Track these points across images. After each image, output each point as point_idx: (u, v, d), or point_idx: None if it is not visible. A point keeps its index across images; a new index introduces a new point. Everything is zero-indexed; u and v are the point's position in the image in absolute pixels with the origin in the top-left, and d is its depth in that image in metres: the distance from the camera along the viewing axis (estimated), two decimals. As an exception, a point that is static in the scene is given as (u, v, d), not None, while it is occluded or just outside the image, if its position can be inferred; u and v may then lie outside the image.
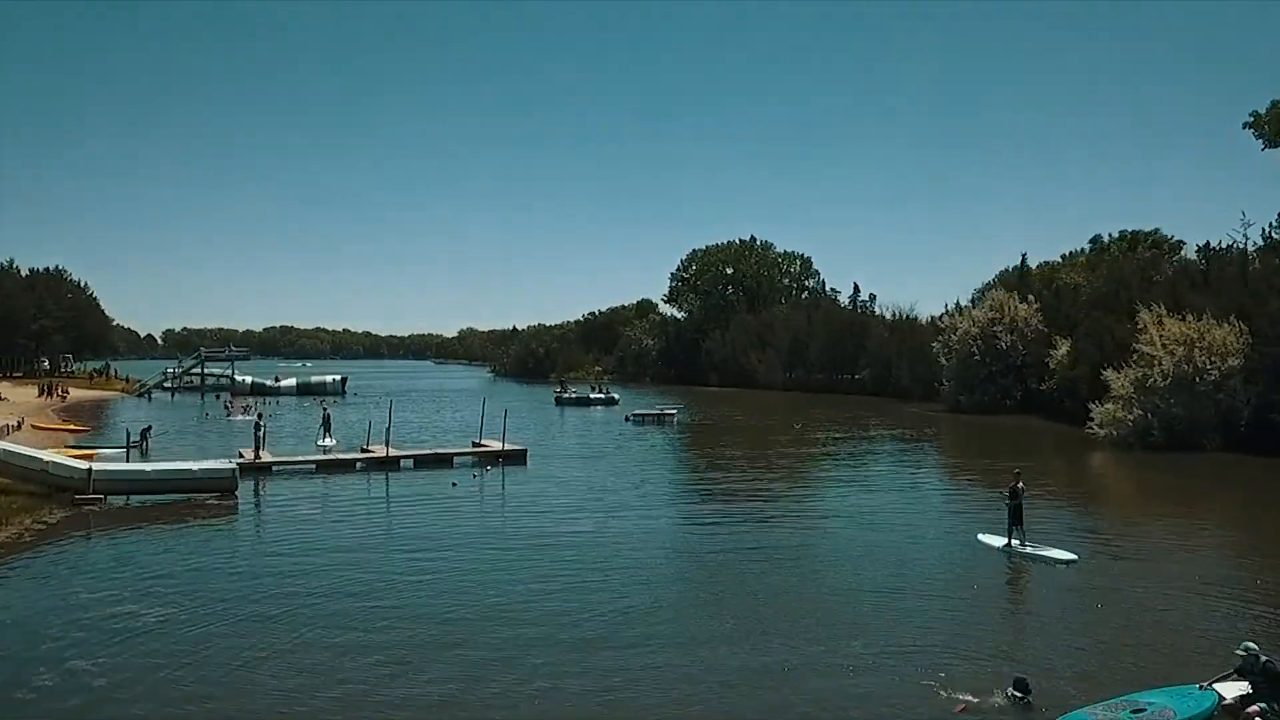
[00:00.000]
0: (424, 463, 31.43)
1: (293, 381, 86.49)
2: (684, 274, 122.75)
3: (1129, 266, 56.71)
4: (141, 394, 79.61)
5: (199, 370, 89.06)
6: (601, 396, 69.84)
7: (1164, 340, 37.29)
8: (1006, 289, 63.81)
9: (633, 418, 52.04)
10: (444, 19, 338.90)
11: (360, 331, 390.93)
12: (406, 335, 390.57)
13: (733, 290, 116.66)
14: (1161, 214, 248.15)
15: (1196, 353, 36.51)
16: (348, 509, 22.84)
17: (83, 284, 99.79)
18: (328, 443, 37.29)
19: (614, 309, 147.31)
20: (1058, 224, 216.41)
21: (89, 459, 32.27)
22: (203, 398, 75.36)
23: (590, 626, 12.89)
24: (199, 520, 21.06)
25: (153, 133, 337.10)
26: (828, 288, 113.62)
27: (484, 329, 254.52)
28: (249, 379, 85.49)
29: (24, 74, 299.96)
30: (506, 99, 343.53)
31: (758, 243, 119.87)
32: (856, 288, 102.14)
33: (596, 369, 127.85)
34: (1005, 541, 18.40)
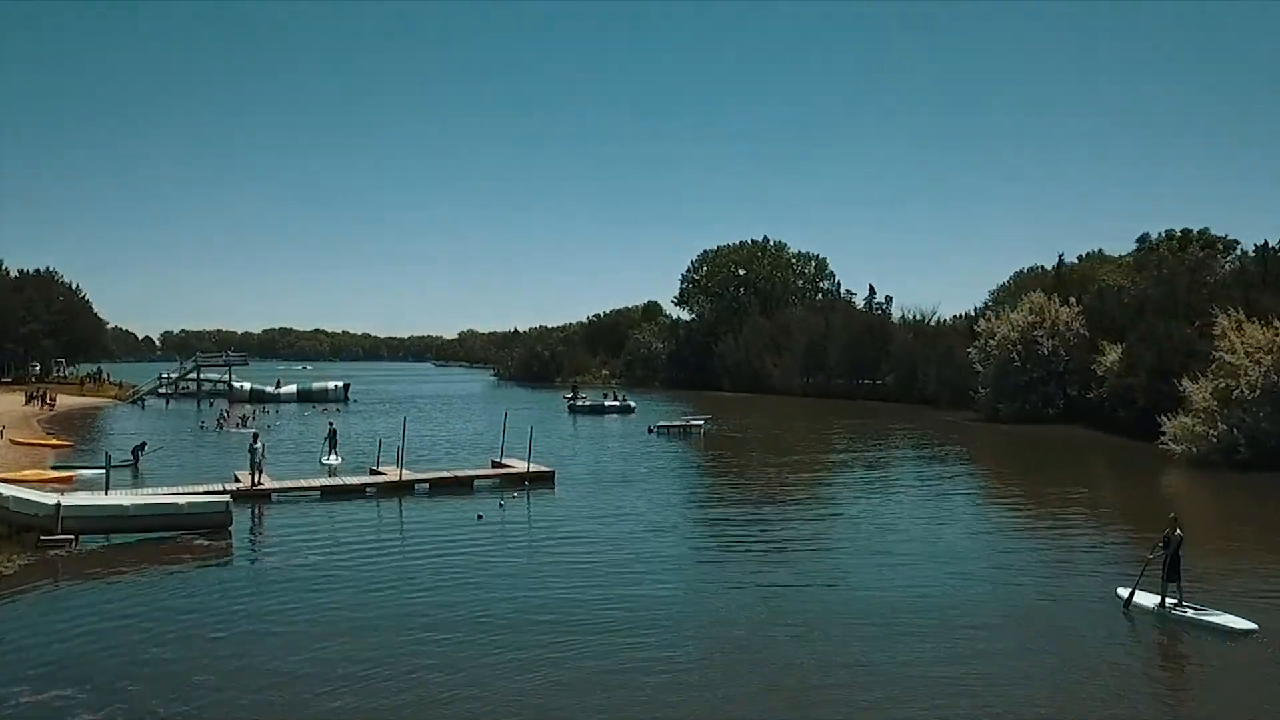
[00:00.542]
0: (441, 487, 28.17)
1: (293, 388, 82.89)
2: (695, 275, 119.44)
3: (1179, 267, 53.54)
4: (134, 401, 76.24)
5: (195, 376, 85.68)
6: (617, 404, 66.53)
7: (1246, 347, 34.06)
8: (1045, 291, 60.56)
9: (656, 429, 48.68)
10: (444, 19, 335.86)
11: (359, 333, 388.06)
12: (406, 337, 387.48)
13: (745, 292, 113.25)
14: (1161, 215, 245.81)
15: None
16: (357, 552, 19.47)
17: (74, 286, 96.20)
18: (333, 460, 34.11)
19: (619, 310, 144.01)
20: (1057, 224, 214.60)
21: (67, 483, 29.24)
22: (198, 406, 71.88)
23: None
24: (186, 565, 17.87)
25: (152, 133, 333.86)
26: (843, 289, 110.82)
27: (484, 331, 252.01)
28: (247, 385, 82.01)
29: (23, 74, 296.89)
30: (506, 99, 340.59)
31: (771, 243, 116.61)
32: (872, 289, 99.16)
33: (604, 372, 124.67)
34: (1159, 600, 15.21)
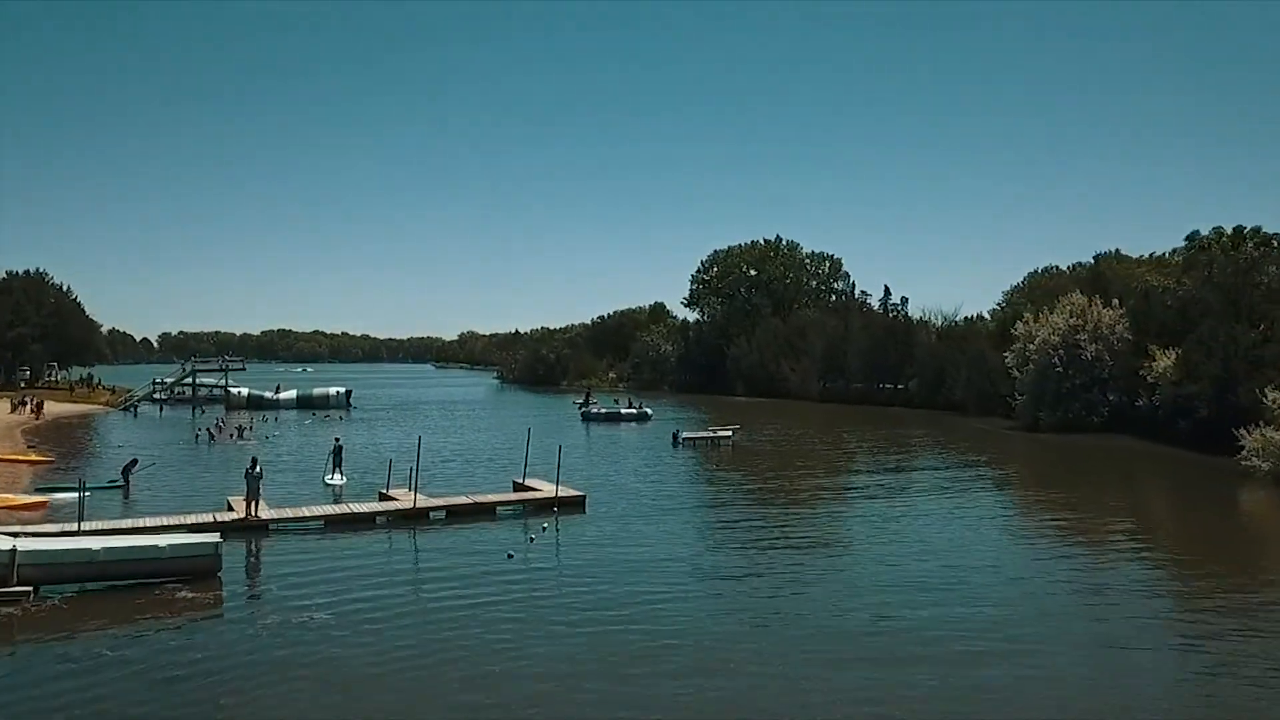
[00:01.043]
0: (459, 514, 25.04)
1: (292, 394, 79.27)
2: (704, 276, 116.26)
3: (1232, 267, 50.49)
4: (127, 408, 72.89)
5: (190, 381, 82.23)
6: (633, 412, 63.25)
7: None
8: (1082, 292, 57.56)
9: (682, 441, 45.52)
10: (444, 19, 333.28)
11: (359, 334, 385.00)
12: (405, 338, 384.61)
13: (756, 293, 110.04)
14: (1163, 214, 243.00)
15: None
16: (368, 603, 16.27)
17: (65, 287, 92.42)
18: (337, 480, 31.06)
19: (624, 312, 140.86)
20: (1057, 225, 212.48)
21: (39, 510, 26.13)
22: (193, 413, 68.51)
23: None
24: (165, 626, 14.74)
25: (151, 133, 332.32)
26: (857, 290, 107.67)
27: (485, 332, 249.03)
28: (244, 391, 78.47)
29: (22, 73, 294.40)
30: (508, 97, 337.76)
31: (784, 243, 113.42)
32: (887, 290, 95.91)
33: (610, 375, 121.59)
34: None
